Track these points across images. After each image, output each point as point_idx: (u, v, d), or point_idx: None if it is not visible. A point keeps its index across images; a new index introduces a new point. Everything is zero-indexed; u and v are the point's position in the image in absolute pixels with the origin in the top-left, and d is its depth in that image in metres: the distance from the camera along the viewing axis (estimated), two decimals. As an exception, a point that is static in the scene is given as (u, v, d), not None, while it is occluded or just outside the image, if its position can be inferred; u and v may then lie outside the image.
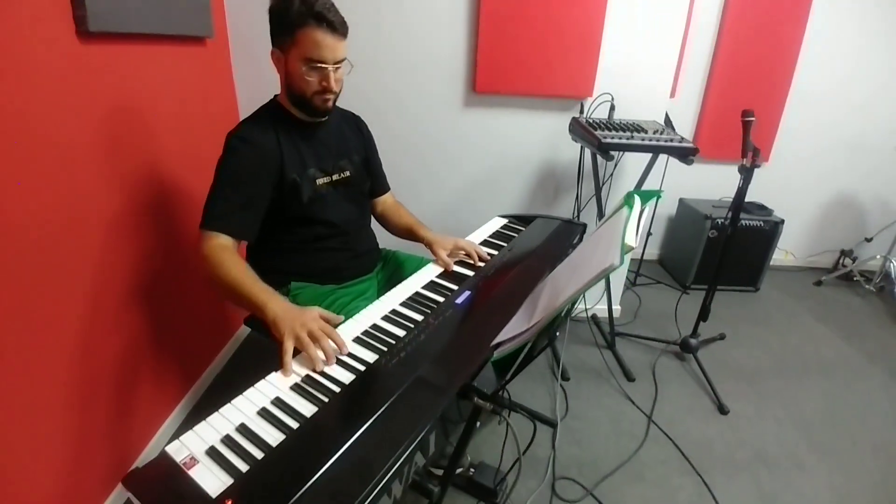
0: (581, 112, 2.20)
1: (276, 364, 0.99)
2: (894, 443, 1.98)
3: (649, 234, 3.12)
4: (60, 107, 1.25)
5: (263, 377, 0.96)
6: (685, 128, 3.21)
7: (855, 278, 3.49)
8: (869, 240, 3.59)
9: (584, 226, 1.77)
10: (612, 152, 1.83)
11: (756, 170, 1.93)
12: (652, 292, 3.13)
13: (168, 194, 1.75)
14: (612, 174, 2.35)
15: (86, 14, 1.30)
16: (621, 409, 2.04)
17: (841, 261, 3.66)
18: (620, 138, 1.81)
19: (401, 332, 1.12)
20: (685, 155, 1.83)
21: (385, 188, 1.71)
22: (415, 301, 1.26)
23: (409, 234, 1.64)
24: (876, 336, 2.84)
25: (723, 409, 2.06)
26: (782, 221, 3.04)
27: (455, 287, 1.32)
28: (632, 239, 0.82)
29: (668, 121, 2.59)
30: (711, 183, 3.29)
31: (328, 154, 1.43)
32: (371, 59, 2.11)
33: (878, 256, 3.37)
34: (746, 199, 3.13)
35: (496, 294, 1.28)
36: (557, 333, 1.37)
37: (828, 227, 3.67)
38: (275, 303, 1.10)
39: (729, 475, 1.77)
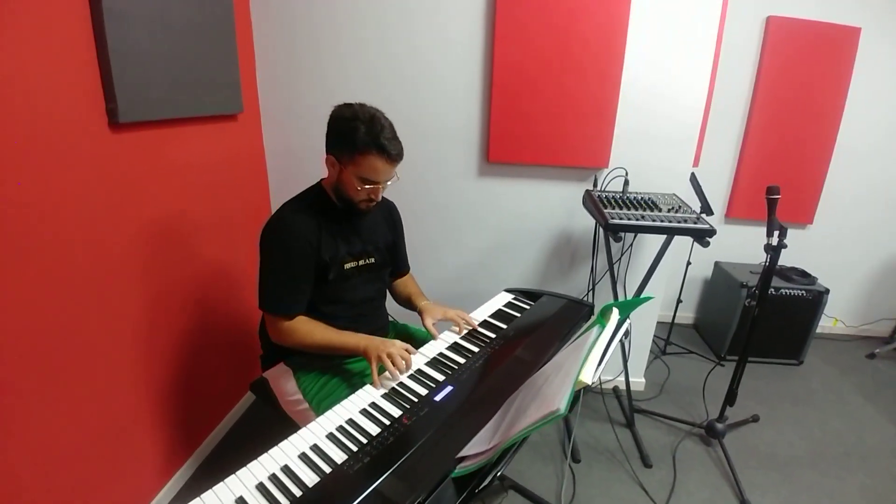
0: (595, 185, 2.16)
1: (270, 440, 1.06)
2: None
3: (679, 300, 2.98)
4: (94, 191, 1.38)
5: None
6: (719, 186, 3.09)
7: (914, 351, 3.18)
8: (933, 309, 3.28)
9: (591, 307, 1.72)
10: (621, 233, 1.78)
11: (799, 232, 1.81)
12: (683, 362, 2.96)
13: (201, 258, 1.90)
14: (631, 244, 2.28)
15: (116, 107, 1.43)
16: (633, 499, 1.91)
17: (899, 331, 3.35)
18: (630, 217, 1.76)
19: (375, 430, 1.11)
20: (700, 237, 1.75)
21: (405, 270, 1.79)
22: (395, 393, 1.26)
23: (408, 303, 1.73)
24: (932, 421, 2.55)
25: (746, 506, 1.89)
26: (827, 291, 2.83)
27: (441, 378, 1.31)
28: (588, 374, 0.79)
29: (694, 182, 2.51)
30: (750, 244, 3.12)
31: (358, 240, 1.52)
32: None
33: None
34: (787, 265, 2.99)
35: (477, 392, 1.24)
36: (503, 471, 1.32)
37: (883, 293, 3.39)
38: (362, 339, 1.38)
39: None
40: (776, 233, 1.85)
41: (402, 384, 1.29)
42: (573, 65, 2.06)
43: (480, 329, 1.59)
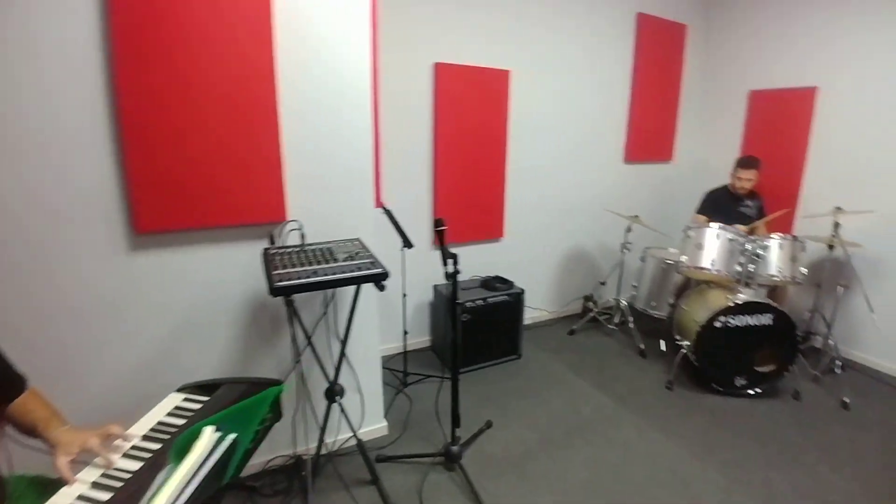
0: (272, 241, 1.97)
1: None
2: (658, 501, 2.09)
3: (405, 331, 3.03)
4: None
5: None
6: (421, 212, 3.27)
7: (600, 319, 3.93)
8: (603, 283, 4.13)
9: (279, 382, 1.52)
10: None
11: (496, 245, 1.93)
12: (423, 389, 2.99)
13: None
14: (332, 297, 2.16)
15: None
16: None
17: (585, 306, 4.12)
18: (300, 276, 1.60)
19: None
20: (376, 281, 1.72)
21: (20, 390, 1.28)
22: None
23: (34, 434, 1.22)
24: (622, 375, 3.16)
25: (488, 523, 1.93)
26: (523, 291, 3.26)
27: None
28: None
29: (391, 218, 2.57)
30: (461, 265, 3.39)
31: None
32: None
33: (611, 299, 3.90)
34: (491, 275, 3.36)
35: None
36: None
37: (567, 279, 4.16)
38: None
39: None
40: (450, 261, 1.97)
41: None
42: (220, 112, 1.83)
43: (143, 444, 1.22)
